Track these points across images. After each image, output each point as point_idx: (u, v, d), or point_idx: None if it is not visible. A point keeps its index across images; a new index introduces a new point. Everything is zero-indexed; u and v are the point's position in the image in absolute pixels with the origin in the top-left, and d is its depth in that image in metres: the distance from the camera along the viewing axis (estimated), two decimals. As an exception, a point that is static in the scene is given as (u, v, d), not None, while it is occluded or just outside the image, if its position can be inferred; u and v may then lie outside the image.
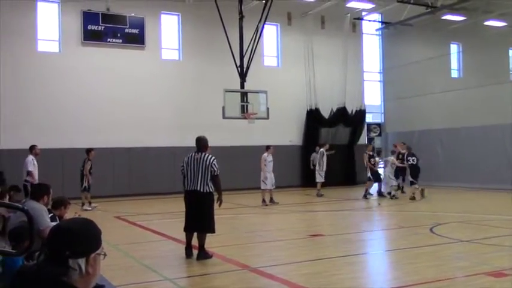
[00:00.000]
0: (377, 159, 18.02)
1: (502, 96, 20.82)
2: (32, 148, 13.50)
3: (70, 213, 6.63)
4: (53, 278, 1.86)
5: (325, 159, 18.18)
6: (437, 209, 14.17)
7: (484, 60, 24.94)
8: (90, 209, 14.90)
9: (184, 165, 7.99)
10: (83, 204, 15.07)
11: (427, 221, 11.38)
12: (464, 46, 26.71)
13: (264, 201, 15.83)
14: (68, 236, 1.92)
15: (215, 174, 7.90)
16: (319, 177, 18.25)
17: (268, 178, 15.79)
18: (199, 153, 7.99)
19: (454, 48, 27.22)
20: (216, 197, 8.04)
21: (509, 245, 8.54)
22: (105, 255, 2.02)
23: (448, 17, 23.93)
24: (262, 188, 15.94)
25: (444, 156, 21.84)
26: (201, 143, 8.15)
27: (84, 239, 1.95)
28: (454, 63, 27.34)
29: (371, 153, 17.72)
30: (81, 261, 1.92)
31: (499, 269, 6.73)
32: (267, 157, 15.96)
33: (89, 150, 15.45)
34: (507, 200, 16.28)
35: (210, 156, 8.01)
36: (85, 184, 15.17)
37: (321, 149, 18.47)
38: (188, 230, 7.98)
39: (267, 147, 16.30)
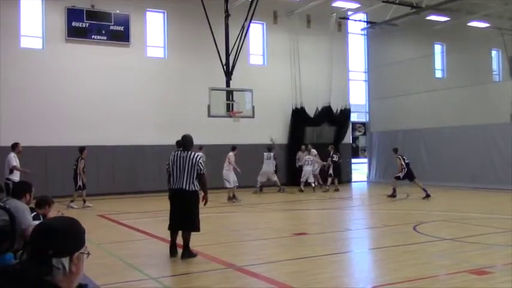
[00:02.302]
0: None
1: (485, 96, 21.09)
2: (15, 146, 13.33)
3: (53, 212, 6.57)
4: (36, 277, 1.85)
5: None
6: (421, 208, 14.30)
7: (467, 61, 25.22)
8: (90, 205, 15.00)
9: (170, 163, 7.96)
10: (72, 201, 15.01)
11: (411, 220, 11.49)
12: (448, 46, 26.99)
13: (229, 198, 16.37)
14: (52, 235, 1.91)
15: (201, 172, 7.88)
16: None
17: (231, 176, 16.47)
18: (186, 152, 7.97)
19: (438, 48, 27.48)
20: (201, 195, 8.04)
21: (492, 243, 8.66)
22: (88, 254, 2.01)
23: (433, 17, 24.18)
24: (229, 186, 16.43)
25: (428, 155, 22.06)
26: (187, 141, 8.13)
27: (68, 238, 1.94)
28: (438, 64, 27.61)
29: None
30: (65, 261, 1.90)
31: (481, 266, 6.81)
32: (233, 157, 16.72)
33: (82, 149, 15.47)
34: (490, 198, 16.52)
35: (196, 154, 8.00)
36: (79, 183, 15.12)
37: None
38: (173, 228, 7.95)
39: (234, 148, 17.08)
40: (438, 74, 27.55)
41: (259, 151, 20.03)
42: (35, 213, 5.96)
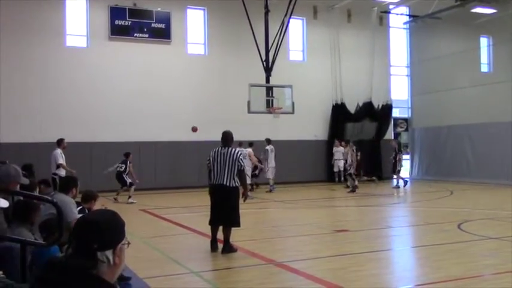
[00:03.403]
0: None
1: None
2: (60, 142, 13.73)
3: (97, 206, 6.73)
4: (82, 270, 1.89)
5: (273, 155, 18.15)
6: (465, 206, 13.94)
7: (515, 54, 24.37)
8: (135, 201, 15.12)
9: (211, 160, 8.03)
10: (130, 197, 15.26)
11: (454, 218, 11.20)
12: (495, 40, 26.12)
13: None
14: (96, 229, 1.95)
15: (241, 168, 7.94)
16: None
17: (250, 173, 16.33)
18: (226, 148, 8.03)
19: (484, 41, 26.64)
20: (241, 191, 8.10)
21: (540, 243, 8.34)
22: (129, 243, 2.05)
23: (478, 9, 23.42)
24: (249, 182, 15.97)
25: (473, 152, 21.46)
26: (228, 137, 8.19)
27: (111, 231, 1.98)
28: (483, 57, 26.78)
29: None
30: (109, 253, 1.95)
31: (529, 267, 6.58)
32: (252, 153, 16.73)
33: (128, 154, 15.75)
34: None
35: (236, 150, 8.06)
36: (130, 180, 15.42)
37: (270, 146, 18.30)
38: (214, 223, 8.03)
39: (251, 144, 17.02)
40: (484, 68, 26.73)
41: (299, 147, 19.98)
42: (80, 207, 6.13)
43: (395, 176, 19.12)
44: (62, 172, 13.18)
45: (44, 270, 1.94)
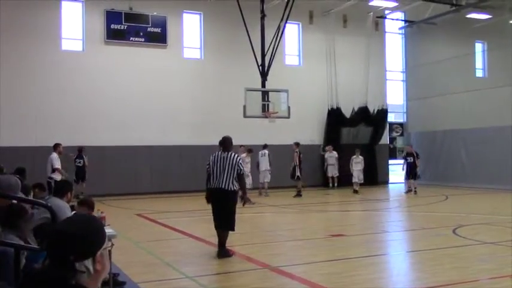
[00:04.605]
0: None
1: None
2: (57, 146, 13.69)
3: (94, 212, 6.69)
4: (61, 281, 1.79)
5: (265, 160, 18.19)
6: (460, 210, 13.97)
7: (510, 60, 24.44)
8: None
9: (211, 164, 8.06)
10: (82, 193, 15.80)
11: (450, 223, 11.23)
12: (490, 45, 26.26)
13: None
14: (69, 241, 1.81)
15: (241, 172, 7.98)
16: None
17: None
18: (226, 152, 8.06)
19: (478, 47, 26.78)
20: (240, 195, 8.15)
21: (535, 248, 8.36)
22: (112, 245, 1.97)
23: (473, 15, 23.55)
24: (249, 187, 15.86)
25: (468, 157, 21.53)
26: (227, 142, 8.23)
27: (88, 240, 1.84)
28: (478, 63, 26.92)
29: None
30: (88, 262, 1.83)
31: (524, 272, 6.59)
32: (245, 158, 16.25)
33: (82, 148, 17.15)
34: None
35: (236, 155, 8.11)
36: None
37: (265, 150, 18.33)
38: (217, 227, 8.05)
39: (250, 150, 16.94)
40: (479, 73, 26.86)
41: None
42: (74, 212, 6.10)
43: (413, 181, 18.75)
44: (57, 177, 13.12)
45: (23, 282, 1.87)
